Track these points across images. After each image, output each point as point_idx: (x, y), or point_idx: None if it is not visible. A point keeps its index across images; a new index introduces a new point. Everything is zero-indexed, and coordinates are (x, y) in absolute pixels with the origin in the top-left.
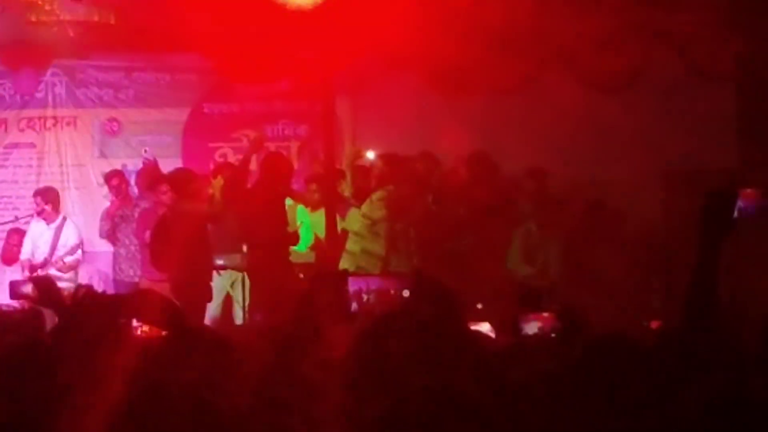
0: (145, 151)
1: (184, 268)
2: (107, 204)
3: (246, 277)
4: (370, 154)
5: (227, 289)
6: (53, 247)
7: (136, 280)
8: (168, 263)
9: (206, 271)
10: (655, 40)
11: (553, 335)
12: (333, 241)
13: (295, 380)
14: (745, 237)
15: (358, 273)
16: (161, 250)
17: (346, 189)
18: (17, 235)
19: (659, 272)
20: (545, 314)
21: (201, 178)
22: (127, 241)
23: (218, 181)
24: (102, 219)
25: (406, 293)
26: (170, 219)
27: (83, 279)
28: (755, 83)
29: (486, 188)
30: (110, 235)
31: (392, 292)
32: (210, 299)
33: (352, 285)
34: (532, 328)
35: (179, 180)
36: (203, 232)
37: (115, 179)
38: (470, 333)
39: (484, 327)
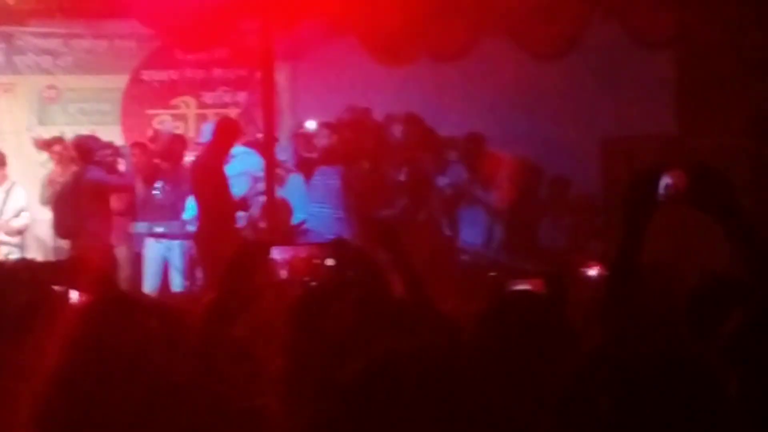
0: None
1: (85, 236)
2: (45, 171)
3: (183, 245)
4: (311, 124)
5: (165, 256)
6: (1, 212)
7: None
8: (69, 231)
9: (107, 239)
10: (594, 6)
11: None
12: (272, 208)
13: (226, 348)
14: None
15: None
16: (63, 218)
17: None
18: None
19: (598, 238)
20: (535, 280)
21: (108, 146)
22: None
23: None
24: (44, 186)
25: (330, 262)
26: (74, 187)
27: (24, 245)
28: (695, 50)
29: (419, 150)
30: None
31: (316, 261)
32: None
33: (279, 253)
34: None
35: (85, 148)
36: (105, 200)
37: (57, 146)
38: (399, 299)
39: None
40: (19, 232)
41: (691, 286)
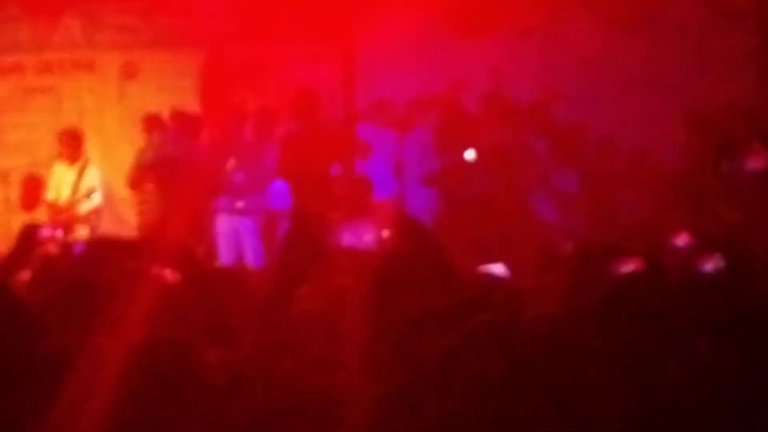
0: None
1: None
2: (126, 148)
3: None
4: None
5: (239, 232)
6: (75, 190)
7: None
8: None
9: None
10: None
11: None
12: (353, 184)
13: (295, 323)
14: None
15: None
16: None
17: None
18: (33, 180)
19: (682, 210)
20: (635, 259)
21: (203, 121)
22: None
23: None
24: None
25: (385, 233)
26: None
27: (103, 224)
28: None
29: (501, 128)
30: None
31: (373, 232)
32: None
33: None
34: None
35: (184, 122)
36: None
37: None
38: (450, 264)
39: (497, 268)
40: (87, 217)
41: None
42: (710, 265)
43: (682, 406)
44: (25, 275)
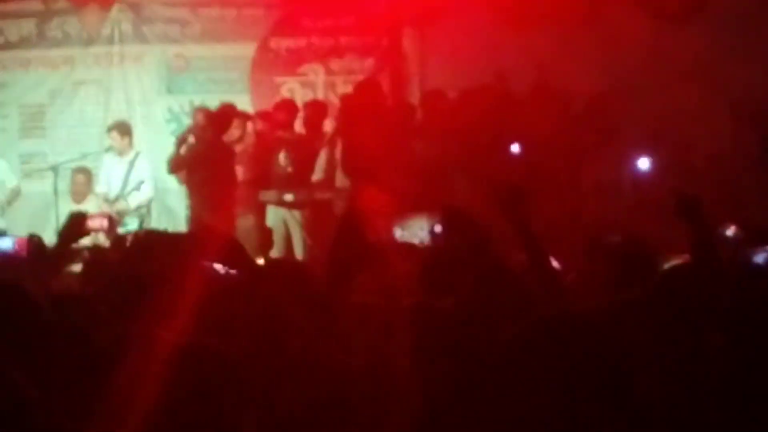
0: None
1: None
2: (173, 140)
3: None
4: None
5: (288, 224)
6: (125, 182)
7: None
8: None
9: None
10: None
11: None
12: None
13: (348, 312)
14: None
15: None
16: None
17: None
18: (82, 174)
19: (728, 202)
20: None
21: (239, 115)
22: None
23: None
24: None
25: (438, 228)
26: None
27: (153, 216)
28: None
29: (550, 120)
30: None
31: (424, 228)
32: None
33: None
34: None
35: (222, 116)
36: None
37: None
38: (499, 261)
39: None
40: (138, 208)
41: None
42: (760, 256)
43: (733, 399)
44: (76, 267)
